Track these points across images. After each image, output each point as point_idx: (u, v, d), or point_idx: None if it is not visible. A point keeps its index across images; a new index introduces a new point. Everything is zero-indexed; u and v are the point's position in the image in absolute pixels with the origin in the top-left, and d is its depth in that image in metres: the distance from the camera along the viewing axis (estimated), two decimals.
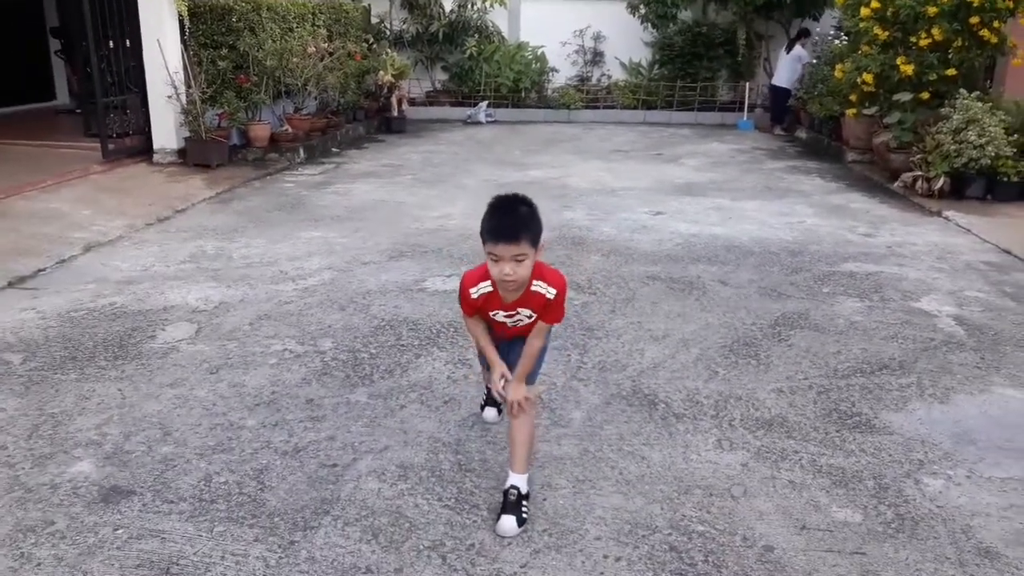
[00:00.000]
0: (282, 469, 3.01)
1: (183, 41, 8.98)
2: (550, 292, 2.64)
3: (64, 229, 6.30)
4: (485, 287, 2.66)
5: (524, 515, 2.69)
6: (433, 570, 2.47)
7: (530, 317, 2.71)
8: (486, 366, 3.14)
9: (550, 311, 2.68)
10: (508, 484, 2.74)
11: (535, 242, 2.52)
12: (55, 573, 2.42)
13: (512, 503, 2.69)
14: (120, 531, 2.63)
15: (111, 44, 8.73)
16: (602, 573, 2.47)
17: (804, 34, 13.05)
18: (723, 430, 3.36)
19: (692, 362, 4.04)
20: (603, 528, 2.69)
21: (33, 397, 3.56)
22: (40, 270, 5.36)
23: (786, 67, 13.04)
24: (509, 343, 2.84)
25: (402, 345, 4.20)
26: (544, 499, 2.85)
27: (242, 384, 3.72)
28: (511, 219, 2.51)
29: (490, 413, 3.37)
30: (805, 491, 2.92)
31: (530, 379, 2.84)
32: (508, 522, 2.65)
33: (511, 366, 2.77)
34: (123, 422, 3.35)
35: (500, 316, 2.73)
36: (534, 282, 2.62)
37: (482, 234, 2.55)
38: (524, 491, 2.73)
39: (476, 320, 2.79)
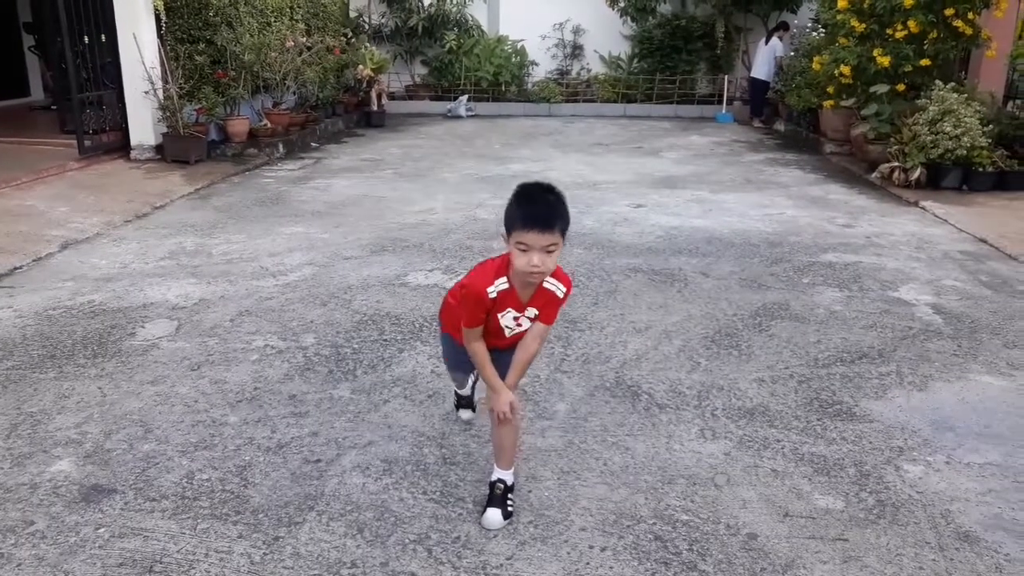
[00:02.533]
0: (265, 465, 3.00)
1: (160, 36, 8.89)
2: (560, 290, 2.55)
3: (40, 227, 6.22)
4: (502, 284, 2.49)
5: (510, 508, 2.69)
6: (419, 563, 2.47)
7: (533, 319, 2.59)
8: (460, 369, 3.06)
9: (550, 309, 2.58)
10: (494, 477, 2.74)
11: (565, 231, 2.41)
12: (36, 573, 2.40)
13: (498, 496, 2.69)
14: (102, 530, 2.61)
15: (86, 39, 8.64)
16: (588, 563, 2.48)
17: (782, 27, 13.13)
18: (706, 420, 3.38)
19: (674, 353, 4.06)
20: (588, 519, 2.70)
21: (11, 396, 3.52)
22: (16, 268, 5.29)
23: (763, 59, 13.13)
24: (499, 353, 2.70)
25: (385, 340, 4.19)
26: (529, 491, 2.85)
27: (224, 381, 3.70)
28: (544, 207, 2.37)
29: (465, 414, 3.30)
30: (787, 479, 2.95)
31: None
32: (494, 515, 2.65)
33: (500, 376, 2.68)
34: (103, 420, 3.32)
35: (509, 318, 2.57)
36: (547, 280, 2.52)
37: (509, 222, 2.39)
38: (510, 484, 2.74)
39: (480, 334, 2.59)
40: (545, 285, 2.53)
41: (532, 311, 2.58)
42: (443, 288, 4.93)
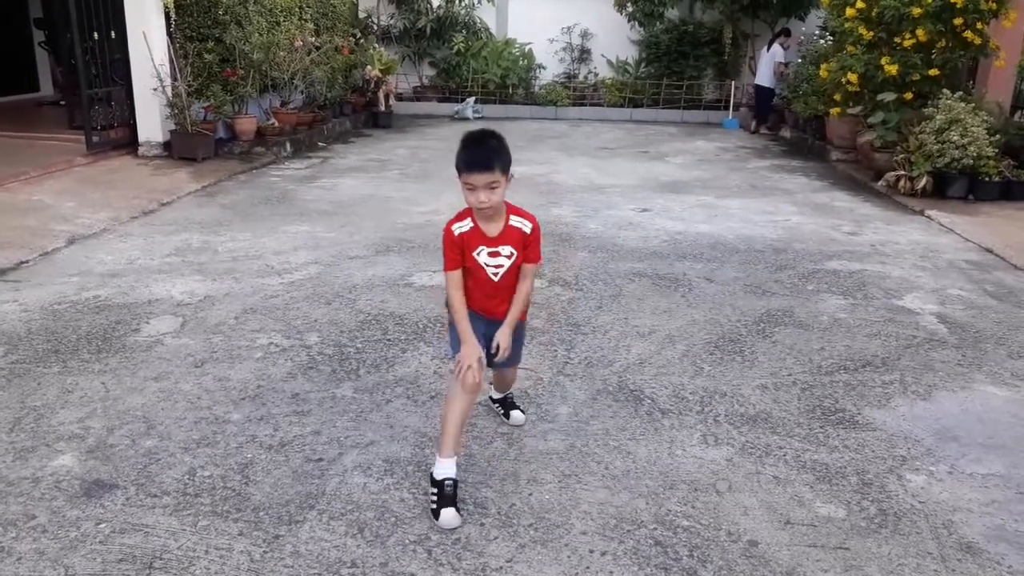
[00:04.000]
0: (267, 463, 3.00)
1: (169, 33, 8.92)
2: (526, 226, 2.80)
3: (47, 221, 6.24)
4: (467, 224, 2.77)
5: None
6: (419, 564, 2.47)
7: (510, 257, 2.79)
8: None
9: (530, 248, 2.82)
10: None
11: (505, 170, 2.68)
12: (36, 567, 2.40)
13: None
14: (103, 525, 2.61)
15: (96, 35, 8.66)
16: (588, 567, 2.48)
17: (784, 33, 13.06)
18: (708, 426, 3.37)
19: (678, 358, 4.05)
20: (589, 523, 2.70)
21: (15, 390, 3.53)
22: (23, 262, 5.31)
23: (767, 66, 13.09)
24: (490, 326, 2.84)
25: (388, 340, 4.19)
26: (530, 494, 2.85)
27: (227, 378, 3.70)
28: (484, 150, 2.66)
29: (448, 515, 2.67)
30: (789, 486, 2.94)
31: (512, 361, 2.99)
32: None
33: (492, 352, 2.81)
34: (106, 415, 3.32)
35: (484, 255, 2.78)
36: (511, 217, 2.79)
37: (458, 166, 2.67)
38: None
39: (458, 281, 2.80)
40: (512, 223, 2.79)
41: (507, 248, 2.79)
42: None
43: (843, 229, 6.87)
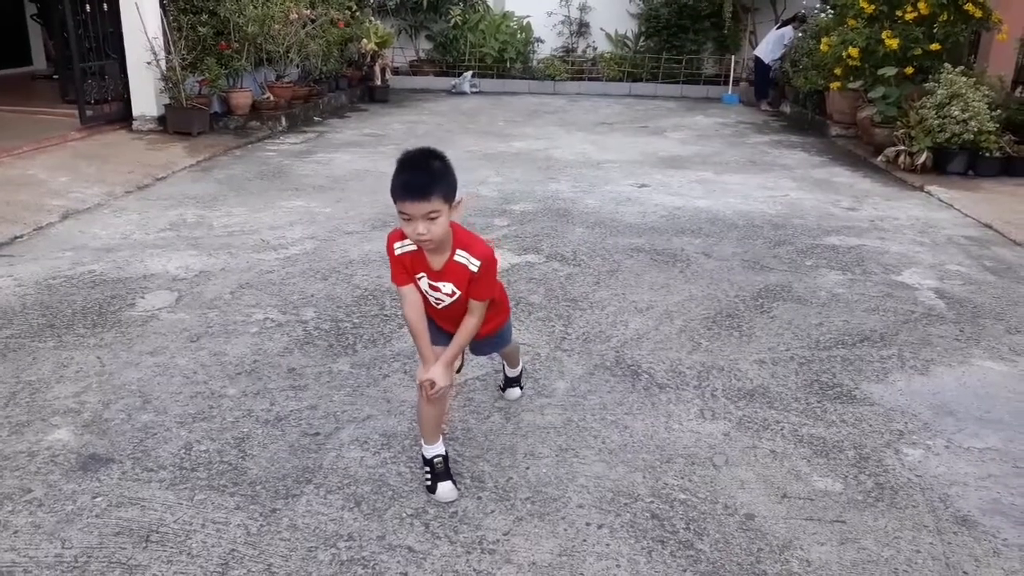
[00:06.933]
0: (263, 438, 2.99)
1: (162, 6, 8.81)
2: (473, 264, 2.42)
3: (41, 196, 6.19)
4: (409, 245, 2.44)
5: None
6: (416, 537, 2.47)
7: (452, 295, 2.49)
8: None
9: (476, 285, 2.46)
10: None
11: (448, 198, 2.29)
12: (33, 541, 2.40)
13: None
14: (99, 499, 2.61)
15: (88, 8, 8.55)
16: (584, 540, 2.48)
17: (801, 20, 12.78)
18: (705, 400, 3.37)
19: (675, 333, 4.04)
20: (586, 496, 2.70)
21: (10, 365, 3.51)
22: (17, 237, 5.27)
23: (770, 41, 12.95)
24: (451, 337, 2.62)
25: (385, 315, 4.17)
26: (527, 468, 2.85)
27: (223, 353, 3.69)
28: (422, 174, 2.27)
29: (445, 489, 2.68)
30: (786, 460, 2.94)
31: (497, 348, 2.95)
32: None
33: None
34: (102, 390, 3.31)
35: (424, 283, 2.50)
36: (457, 251, 2.42)
37: (392, 192, 2.30)
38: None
39: (413, 296, 2.53)
40: (456, 259, 2.43)
41: (448, 286, 2.47)
42: None
43: (842, 204, 6.84)
